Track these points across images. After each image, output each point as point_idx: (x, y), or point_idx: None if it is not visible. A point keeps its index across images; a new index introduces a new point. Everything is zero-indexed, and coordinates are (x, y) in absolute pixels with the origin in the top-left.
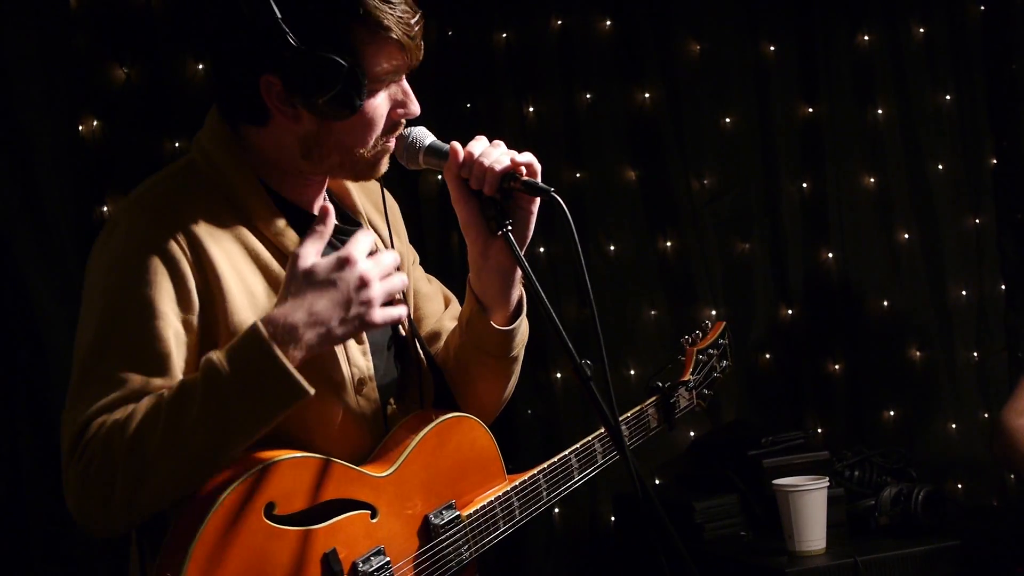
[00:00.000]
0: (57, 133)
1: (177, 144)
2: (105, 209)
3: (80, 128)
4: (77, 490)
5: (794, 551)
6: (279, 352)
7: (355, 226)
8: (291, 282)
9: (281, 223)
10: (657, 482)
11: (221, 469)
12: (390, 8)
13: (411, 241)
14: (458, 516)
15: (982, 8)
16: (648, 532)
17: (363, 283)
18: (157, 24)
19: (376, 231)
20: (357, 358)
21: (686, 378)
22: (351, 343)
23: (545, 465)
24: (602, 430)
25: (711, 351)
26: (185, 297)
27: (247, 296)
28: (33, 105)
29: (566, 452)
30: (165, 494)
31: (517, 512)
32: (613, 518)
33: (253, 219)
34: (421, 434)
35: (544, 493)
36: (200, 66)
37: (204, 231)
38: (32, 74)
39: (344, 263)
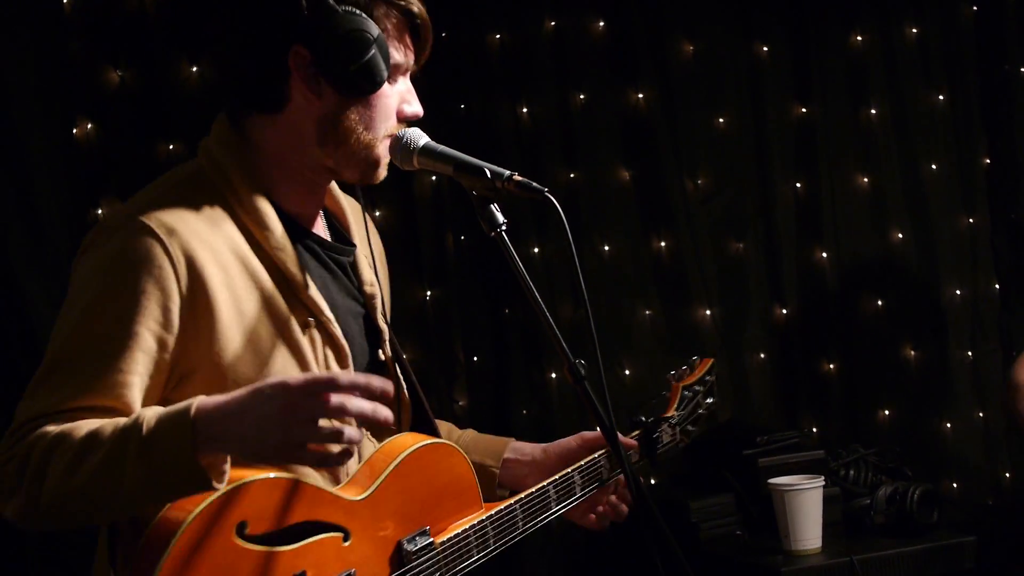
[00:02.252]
0: (52, 136)
1: (172, 147)
2: (100, 212)
3: (75, 131)
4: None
5: (790, 550)
6: (195, 445)
7: (348, 245)
8: (258, 386)
9: (281, 236)
10: (652, 481)
11: (111, 518)
12: None
13: (405, 244)
14: (431, 543)
15: (975, 8)
16: (643, 532)
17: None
18: (152, 27)
19: (367, 267)
20: None
21: (670, 414)
22: (334, 365)
23: (523, 495)
24: (582, 462)
25: (697, 387)
26: (167, 317)
27: (237, 315)
28: (28, 108)
29: (544, 483)
30: (59, 520)
31: (492, 541)
32: None
33: (255, 232)
34: (399, 458)
35: (520, 523)
36: (195, 68)
37: (201, 247)
38: (26, 77)
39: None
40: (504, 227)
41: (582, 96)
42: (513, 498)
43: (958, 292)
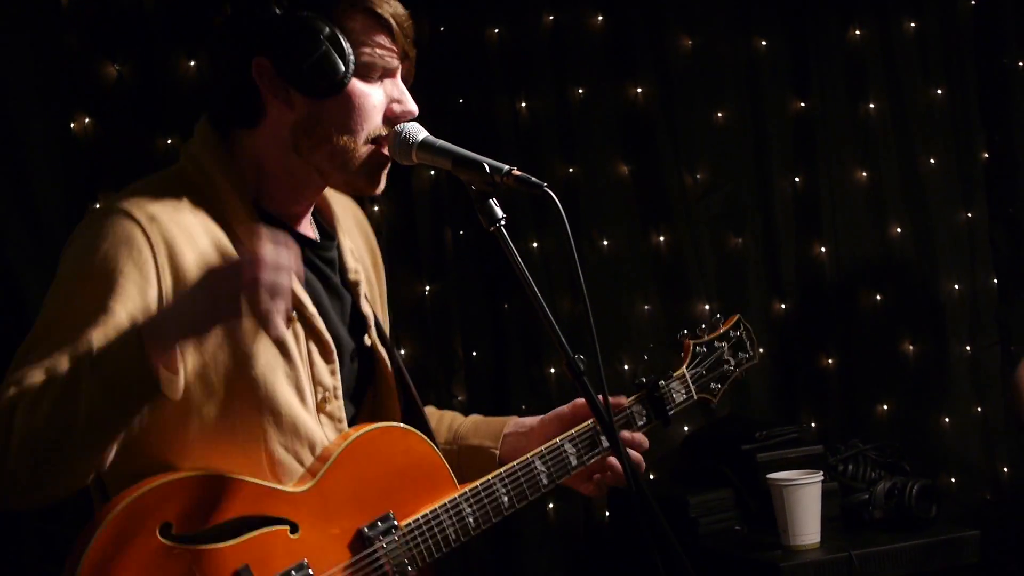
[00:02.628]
0: (49, 131)
1: (169, 141)
2: (98, 206)
3: (72, 126)
4: None
5: (788, 545)
6: (141, 343)
7: (331, 240)
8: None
9: (258, 228)
10: (651, 477)
11: (80, 461)
12: None
13: (404, 239)
14: (395, 526)
15: (973, 3)
16: (642, 527)
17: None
18: (149, 21)
19: (351, 255)
20: (323, 376)
21: (679, 372)
22: (318, 360)
23: (503, 469)
24: (571, 432)
25: (718, 344)
26: (144, 301)
27: None
28: (25, 103)
29: (529, 455)
30: (32, 478)
31: (471, 519)
32: (607, 512)
33: (237, 229)
34: (343, 447)
35: (504, 499)
36: (192, 63)
37: (182, 238)
38: (24, 72)
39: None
40: (503, 222)
41: (581, 91)
42: (492, 473)
43: (956, 287)
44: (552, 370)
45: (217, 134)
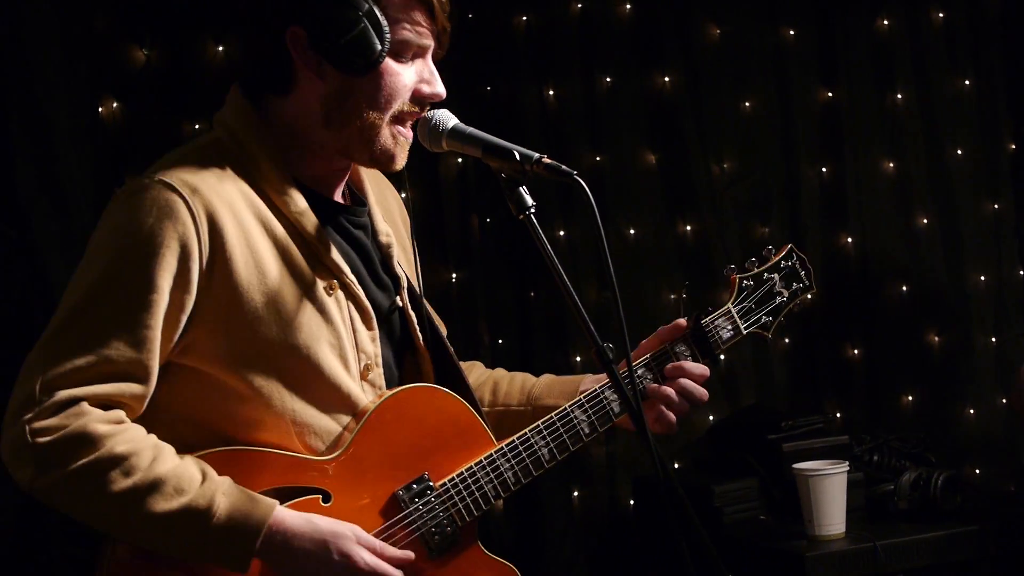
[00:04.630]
0: (77, 114)
1: (197, 126)
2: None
3: (100, 109)
4: (17, 449)
5: (814, 535)
6: (252, 554)
7: (363, 205)
8: (334, 536)
9: (302, 204)
10: (676, 466)
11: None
12: None
13: (431, 226)
14: (430, 486)
15: None
16: (668, 515)
17: None
18: (177, 6)
19: (381, 219)
20: (366, 344)
21: (725, 307)
22: (360, 327)
23: (540, 422)
24: (607, 381)
25: (767, 276)
26: (185, 277)
27: (258, 276)
28: (53, 86)
29: (566, 405)
30: (73, 514)
31: (509, 474)
32: (632, 501)
33: (274, 198)
34: (371, 410)
35: (544, 451)
36: (220, 48)
37: (223, 209)
38: (52, 56)
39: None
40: (533, 209)
41: (608, 79)
42: (528, 427)
43: (982, 278)
44: (577, 358)
45: (249, 102)
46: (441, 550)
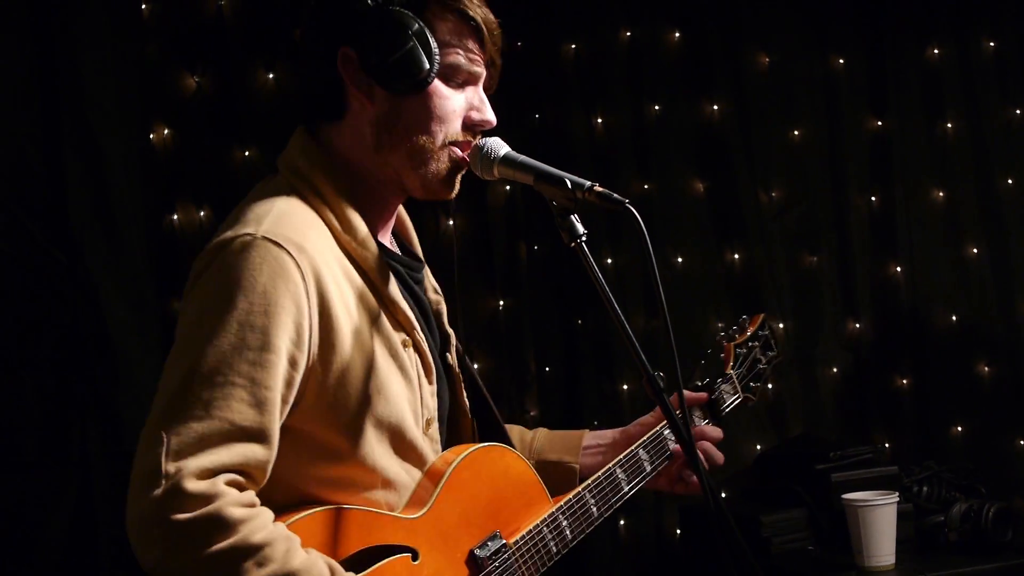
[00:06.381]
0: (128, 141)
1: (247, 153)
2: (175, 217)
3: (151, 136)
4: (147, 527)
5: (863, 567)
6: None
7: (420, 262)
8: None
9: (379, 259)
10: (723, 495)
11: None
12: None
13: (478, 253)
14: (504, 545)
15: None
16: (716, 544)
17: None
18: (228, 34)
19: (431, 276)
20: (428, 399)
21: (727, 372)
22: (424, 383)
23: (590, 480)
24: (644, 438)
25: (751, 344)
26: (300, 336)
27: (353, 333)
28: (105, 113)
29: (610, 464)
30: None
31: (568, 531)
32: (679, 530)
33: (353, 252)
34: (450, 469)
35: (594, 508)
36: (271, 75)
37: (324, 268)
38: (104, 83)
39: None
40: (584, 237)
41: (656, 107)
42: (581, 485)
43: None
44: (624, 386)
45: (313, 141)
46: None
